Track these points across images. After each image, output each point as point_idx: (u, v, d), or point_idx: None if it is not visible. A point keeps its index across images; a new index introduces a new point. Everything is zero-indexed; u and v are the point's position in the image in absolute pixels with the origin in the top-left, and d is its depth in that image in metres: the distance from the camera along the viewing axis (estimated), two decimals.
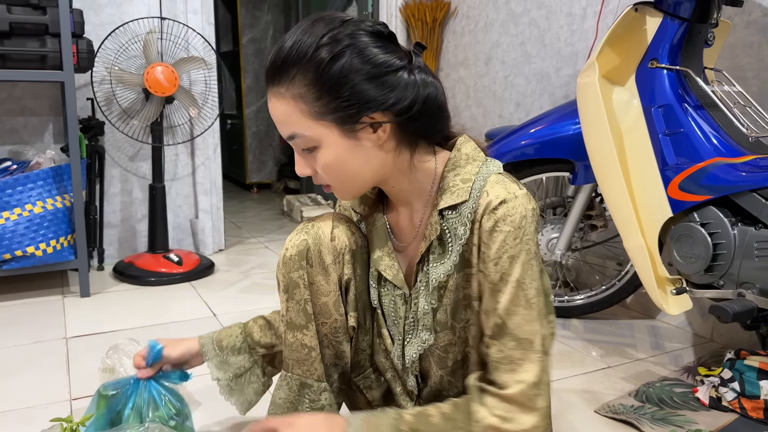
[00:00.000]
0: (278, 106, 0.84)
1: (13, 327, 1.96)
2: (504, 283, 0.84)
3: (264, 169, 5.03)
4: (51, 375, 1.63)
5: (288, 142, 0.88)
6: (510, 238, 0.84)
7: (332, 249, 0.96)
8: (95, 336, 1.90)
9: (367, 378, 1.06)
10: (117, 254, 2.75)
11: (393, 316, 0.98)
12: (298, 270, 0.95)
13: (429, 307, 0.92)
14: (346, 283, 0.98)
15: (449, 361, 0.96)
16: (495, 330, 0.85)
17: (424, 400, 1.01)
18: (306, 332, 0.97)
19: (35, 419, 1.40)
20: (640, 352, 1.83)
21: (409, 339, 0.96)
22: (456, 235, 0.89)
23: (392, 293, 0.97)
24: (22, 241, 2.12)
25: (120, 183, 2.72)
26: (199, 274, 2.55)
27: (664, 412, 1.44)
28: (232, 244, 3.13)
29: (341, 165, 0.86)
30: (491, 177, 0.88)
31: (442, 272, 0.90)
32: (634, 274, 1.94)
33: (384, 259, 0.97)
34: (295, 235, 0.98)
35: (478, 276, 0.89)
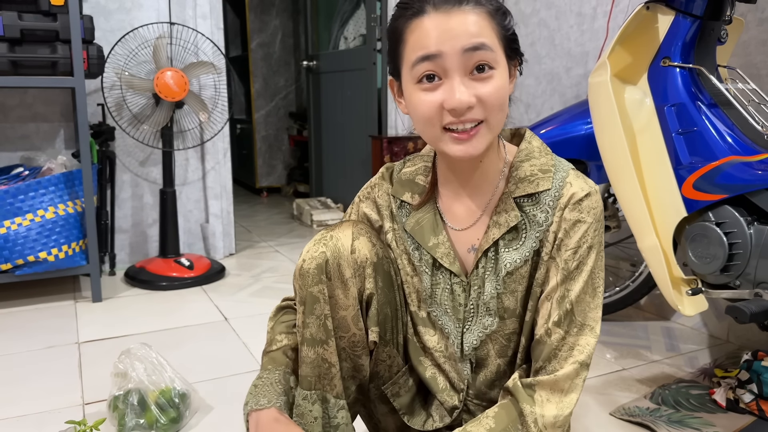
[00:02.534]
0: (470, 16, 0.82)
1: (25, 332, 1.97)
2: (579, 272, 0.88)
3: (273, 174, 5.04)
4: (63, 380, 1.63)
5: (456, 63, 0.82)
6: (591, 229, 0.88)
7: (352, 262, 0.93)
8: (107, 341, 1.90)
9: (396, 384, 1.04)
10: (128, 259, 2.75)
11: (448, 304, 0.97)
12: (318, 284, 0.93)
13: (495, 292, 0.92)
14: (368, 297, 0.96)
15: (510, 350, 0.96)
16: (562, 316, 0.87)
17: (475, 391, 0.99)
18: (327, 347, 0.94)
19: (48, 424, 1.40)
20: (655, 354, 1.80)
21: (468, 326, 0.96)
22: (534, 221, 0.90)
23: (448, 281, 0.96)
24: (34, 246, 2.13)
25: (131, 188, 2.73)
26: (210, 278, 2.55)
27: (681, 414, 1.43)
28: (243, 248, 3.14)
29: (504, 95, 0.86)
30: (571, 170, 0.92)
31: (518, 258, 0.91)
32: (648, 275, 1.92)
33: (440, 247, 0.95)
34: (313, 246, 0.95)
35: (546, 263, 0.90)
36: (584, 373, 0.87)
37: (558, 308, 0.87)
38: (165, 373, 1.42)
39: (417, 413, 1.06)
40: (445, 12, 0.81)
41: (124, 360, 1.40)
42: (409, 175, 1.01)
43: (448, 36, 0.81)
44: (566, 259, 0.88)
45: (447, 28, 0.81)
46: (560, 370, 0.86)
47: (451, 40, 0.81)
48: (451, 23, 0.81)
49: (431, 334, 1.00)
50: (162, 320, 2.10)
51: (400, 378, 1.04)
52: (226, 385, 1.61)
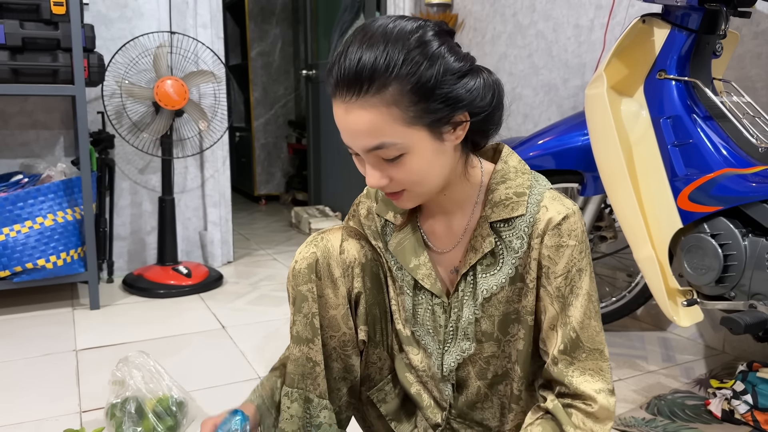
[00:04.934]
0: (364, 117, 0.78)
1: (23, 339, 1.97)
2: (575, 297, 0.86)
3: (272, 181, 5.05)
4: (61, 387, 1.63)
5: (362, 155, 0.83)
6: (576, 252, 0.86)
7: (341, 262, 0.96)
8: (105, 348, 1.90)
9: (381, 390, 1.06)
10: (126, 266, 2.76)
11: (430, 324, 0.97)
12: (307, 283, 0.95)
13: (473, 317, 0.92)
14: (356, 296, 0.98)
15: (489, 373, 0.96)
16: (568, 344, 0.86)
17: (457, 411, 1.00)
18: (312, 346, 0.96)
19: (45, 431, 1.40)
20: (651, 364, 1.81)
21: (448, 348, 0.96)
22: (510, 248, 0.89)
23: (429, 302, 0.96)
24: (32, 253, 2.13)
25: (130, 195, 2.73)
26: (208, 286, 2.55)
27: (676, 425, 1.43)
28: (241, 256, 3.14)
29: (428, 169, 0.83)
30: (546, 193, 0.89)
31: (495, 284, 0.90)
32: (644, 286, 1.93)
33: (421, 268, 0.95)
34: (304, 248, 0.98)
35: (536, 291, 0.89)
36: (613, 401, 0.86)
37: (559, 336, 0.87)
38: (162, 381, 1.43)
39: (404, 421, 1.08)
40: (345, 106, 0.79)
41: (122, 368, 1.40)
42: None
43: (349, 136, 0.81)
44: (558, 286, 0.86)
45: (347, 127, 0.80)
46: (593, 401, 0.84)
47: (353, 140, 0.81)
48: (348, 121, 0.79)
49: (415, 353, 1.00)
50: (159, 328, 2.10)
51: (386, 385, 1.06)
52: (223, 393, 1.61)
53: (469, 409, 0.99)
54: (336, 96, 0.80)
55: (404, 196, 0.86)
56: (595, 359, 0.86)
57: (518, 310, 0.91)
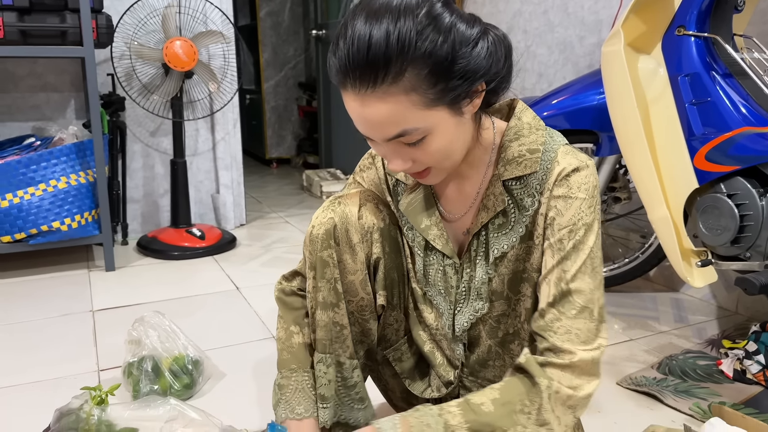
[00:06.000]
0: (382, 108, 0.74)
1: (41, 300, 2.00)
2: (576, 251, 0.83)
3: (283, 144, 5.04)
4: (79, 347, 1.67)
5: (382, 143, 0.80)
6: (585, 205, 0.83)
7: (360, 228, 0.95)
8: (121, 309, 1.93)
9: (398, 350, 1.07)
10: (140, 229, 2.78)
11: (441, 285, 0.96)
12: (327, 249, 0.94)
13: (486, 276, 0.91)
14: (375, 262, 0.97)
15: (500, 332, 0.95)
16: (557, 297, 0.83)
17: (469, 369, 1.00)
18: (337, 310, 0.96)
19: (64, 390, 1.43)
20: (663, 324, 1.81)
21: (460, 308, 0.95)
22: (522, 206, 0.87)
23: (441, 263, 0.95)
24: (47, 216, 2.15)
25: (142, 158, 2.74)
26: (221, 248, 2.57)
27: (687, 384, 1.44)
28: (253, 219, 3.16)
29: (451, 145, 0.80)
30: (560, 148, 0.86)
31: (506, 243, 0.89)
32: (657, 247, 1.92)
33: (432, 229, 0.94)
34: (321, 213, 0.96)
35: (540, 246, 0.87)
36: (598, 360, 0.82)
37: (554, 289, 0.84)
38: (178, 341, 1.45)
39: (418, 380, 1.09)
40: (360, 99, 0.74)
41: (137, 327, 1.42)
42: None
43: (367, 126, 0.77)
44: (561, 238, 0.83)
45: (364, 120, 0.76)
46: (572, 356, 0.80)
47: (371, 131, 0.78)
48: (366, 114, 0.75)
49: (428, 312, 1.01)
50: (174, 289, 2.13)
51: (402, 345, 1.06)
52: (238, 352, 1.64)
53: (481, 368, 1.00)
54: (346, 86, 0.75)
55: (430, 173, 0.84)
56: (584, 318, 0.82)
57: (527, 268, 0.90)
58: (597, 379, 0.83)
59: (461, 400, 0.82)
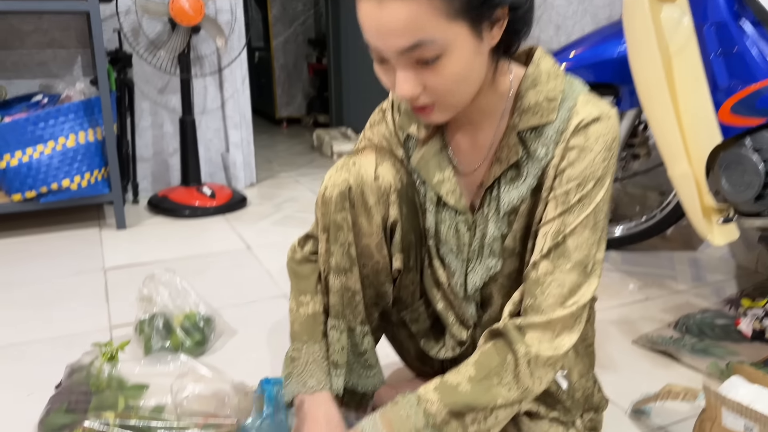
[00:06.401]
0: (401, 11, 0.69)
1: (53, 258, 2.00)
2: (580, 205, 0.79)
3: (293, 103, 4.98)
4: (91, 304, 1.67)
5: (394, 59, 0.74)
6: (599, 158, 0.79)
7: (376, 189, 0.90)
8: (133, 267, 1.93)
9: (414, 311, 1.04)
10: (151, 188, 2.77)
11: (453, 243, 0.93)
12: (341, 212, 0.90)
13: (499, 232, 0.88)
14: (392, 225, 0.93)
15: (513, 289, 0.91)
16: (552, 249, 0.80)
17: (482, 328, 0.97)
18: (350, 276, 0.93)
19: (77, 346, 1.43)
20: (681, 283, 1.78)
21: (472, 266, 0.92)
22: (535, 157, 0.83)
23: (453, 219, 0.92)
24: (57, 174, 2.14)
25: (150, 116, 2.71)
26: (232, 207, 2.56)
27: (705, 343, 1.41)
28: (264, 179, 3.13)
29: (465, 73, 0.75)
30: (580, 96, 0.81)
31: (516, 196, 0.85)
32: (676, 205, 1.88)
33: (445, 184, 0.90)
34: (335, 173, 0.92)
35: (547, 198, 0.83)
36: (579, 315, 0.80)
37: (551, 241, 0.80)
38: (189, 298, 1.44)
39: (433, 340, 1.06)
40: (378, 1, 0.70)
41: (148, 285, 1.42)
42: None
43: (380, 35, 0.72)
44: (567, 191, 0.80)
45: (379, 26, 0.71)
46: (553, 312, 0.79)
47: (384, 40, 0.72)
48: (382, 19, 0.70)
49: (442, 270, 0.97)
50: (186, 247, 2.12)
51: (419, 307, 1.04)
52: (250, 309, 1.63)
53: None
54: None
55: (434, 109, 0.79)
56: (577, 273, 0.79)
57: (532, 222, 0.87)
58: (577, 333, 0.81)
59: (438, 383, 0.80)
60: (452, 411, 0.77)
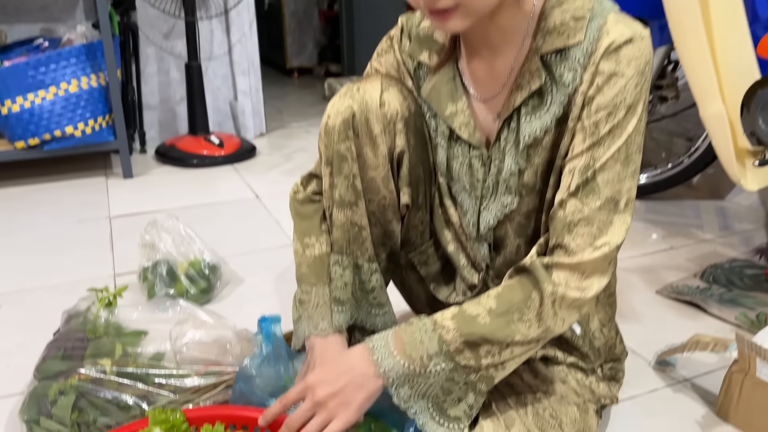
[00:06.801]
0: None
1: (58, 206, 1.96)
2: (611, 137, 0.73)
3: (304, 53, 4.85)
4: (96, 252, 1.63)
5: None
6: (631, 84, 0.72)
7: (381, 117, 0.84)
8: (139, 216, 1.88)
9: (423, 254, 0.98)
10: (158, 137, 2.70)
11: (466, 180, 0.86)
12: (345, 141, 0.84)
13: (516, 167, 0.81)
14: (398, 156, 0.87)
15: (530, 229, 0.86)
16: (580, 186, 0.74)
17: (495, 271, 0.92)
18: (356, 209, 0.88)
19: (80, 293, 1.39)
20: (707, 233, 1.70)
21: (486, 204, 0.86)
22: (561, 83, 0.75)
23: (466, 154, 0.85)
24: (60, 121, 2.07)
25: (156, 62, 2.62)
26: (240, 157, 2.49)
27: (733, 293, 1.34)
28: (274, 129, 3.05)
29: None
30: (610, 15, 0.73)
31: (539, 127, 0.77)
32: (704, 151, 1.78)
33: (458, 116, 0.83)
34: (338, 101, 0.86)
35: (574, 129, 0.76)
36: (612, 257, 0.75)
37: (579, 177, 0.74)
38: (194, 245, 1.39)
39: (443, 284, 1.01)
40: None
41: (150, 231, 1.37)
42: (428, 30, 0.87)
43: None
44: (596, 121, 0.73)
45: None
46: (582, 253, 0.73)
47: None
48: None
49: (453, 209, 0.91)
50: (193, 196, 2.07)
51: (428, 249, 0.98)
52: (257, 258, 1.58)
53: (508, 269, 0.90)
54: None
55: (455, 13, 0.70)
56: (607, 211, 0.73)
57: (555, 156, 0.79)
58: (607, 276, 0.76)
59: (456, 311, 0.76)
60: (468, 341, 0.74)
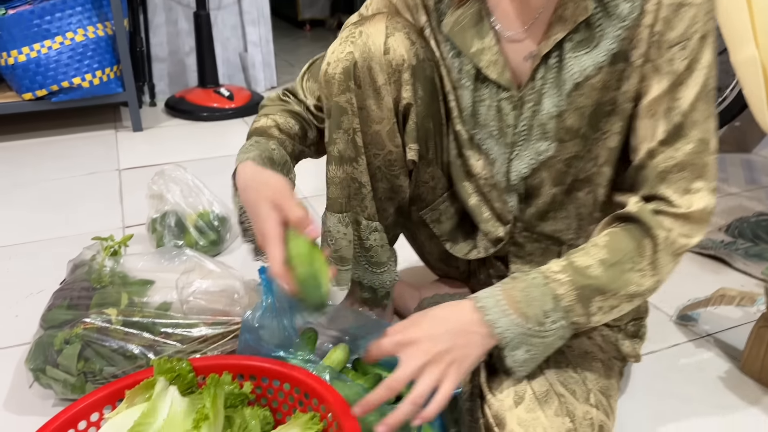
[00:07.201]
0: None
1: (68, 159, 1.94)
2: (690, 72, 0.67)
3: (316, 4, 4.72)
4: (105, 204, 1.61)
5: None
6: (701, 13, 0.66)
7: (386, 65, 0.78)
8: (148, 168, 1.85)
9: (436, 210, 0.93)
10: (168, 89, 2.65)
11: (494, 125, 0.79)
12: (345, 93, 0.79)
13: (557, 110, 0.74)
14: (405, 108, 0.81)
15: (569, 177, 0.79)
16: (671, 132, 0.69)
17: (524, 223, 0.86)
18: (356, 166, 0.83)
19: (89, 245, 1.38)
20: (733, 186, 1.64)
21: (517, 152, 0.79)
22: (615, 14, 0.68)
23: (494, 97, 0.78)
24: (67, 71, 2.03)
25: (164, 12, 2.55)
26: (251, 110, 2.44)
27: (759, 248, 1.30)
28: (285, 82, 2.99)
29: None
30: None
31: (590, 64, 0.70)
32: (732, 101, 1.71)
33: (485, 53, 0.75)
34: (338, 46, 0.79)
35: (643, 69, 0.70)
36: (713, 203, 0.71)
37: (665, 123, 0.69)
38: (202, 197, 1.36)
39: (460, 241, 0.96)
40: None
41: (158, 181, 1.34)
42: None
43: None
44: (671, 58, 0.67)
45: None
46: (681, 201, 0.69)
47: None
48: None
49: (476, 159, 0.84)
50: (203, 149, 2.04)
51: (441, 204, 0.93)
52: None
53: (539, 221, 0.85)
54: None
55: None
56: (700, 152, 0.69)
57: (616, 98, 0.73)
58: (706, 224, 0.72)
59: (565, 263, 0.70)
60: (581, 294, 0.69)
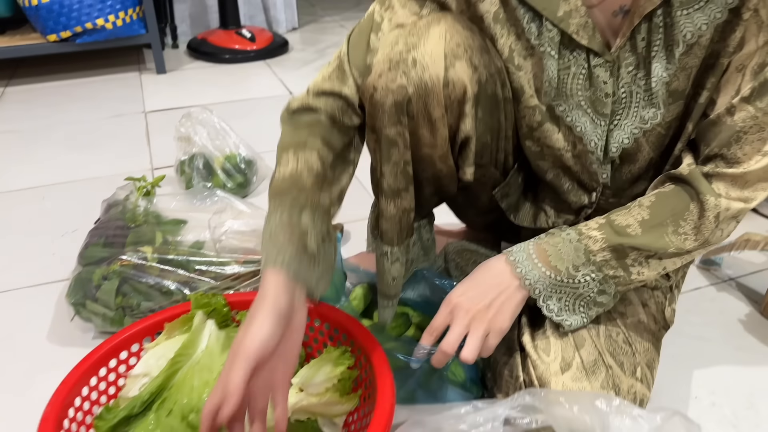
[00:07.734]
0: None
1: (93, 101, 1.95)
2: None
3: None
4: (133, 146, 1.63)
5: None
6: None
7: (444, 98, 0.69)
8: (173, 111, 1.87)
9: (507, 185, 0.86)
10: (190, 31, 2.64)
11: (581, 95, 0.71)
12: (395, 126, 0.70)
13: (667, 74, 0.67)
14: (464, 139, 0.74)
15: (668, 138, 0.73)
16: (755, 90, 0.63)
17: (613, 189, 0.78)
18: (405, 195, 0.76)
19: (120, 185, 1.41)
20: None
21: (618, 121, 0.72)
22: None
23: (583, 64, 0.69)
24: (90, 12, 2.03)
25: None
26: (273, 52, 2.42)
27: None
28: (306, 23, 2.95)
29: None
30: None
31: (704, 22, 0.63)
32: None
33: (573, 17, 0.66)
34: (388, 72, 0.67)
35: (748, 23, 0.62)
36: None
37: (752, 79, 0.63)
38: (229, 139, 1.38)
39: (525, 209, 0.90)
40: None
41: (185, 123, 1.35)
42: None
43: None
44: None
45: None
46: (748, 162, 0.65)
47: None
48: None
49: (555, 132, 0.75)
50: (227, 92, 2.04)
51: (511, 178, 0.85)
52: None
53: (631, 184, 0.79)
54: None
55: None
56: None
57: (719, 52, 0.65)
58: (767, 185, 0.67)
59: (603, 221, 0.69)
60: (616, 252, 0.68)
